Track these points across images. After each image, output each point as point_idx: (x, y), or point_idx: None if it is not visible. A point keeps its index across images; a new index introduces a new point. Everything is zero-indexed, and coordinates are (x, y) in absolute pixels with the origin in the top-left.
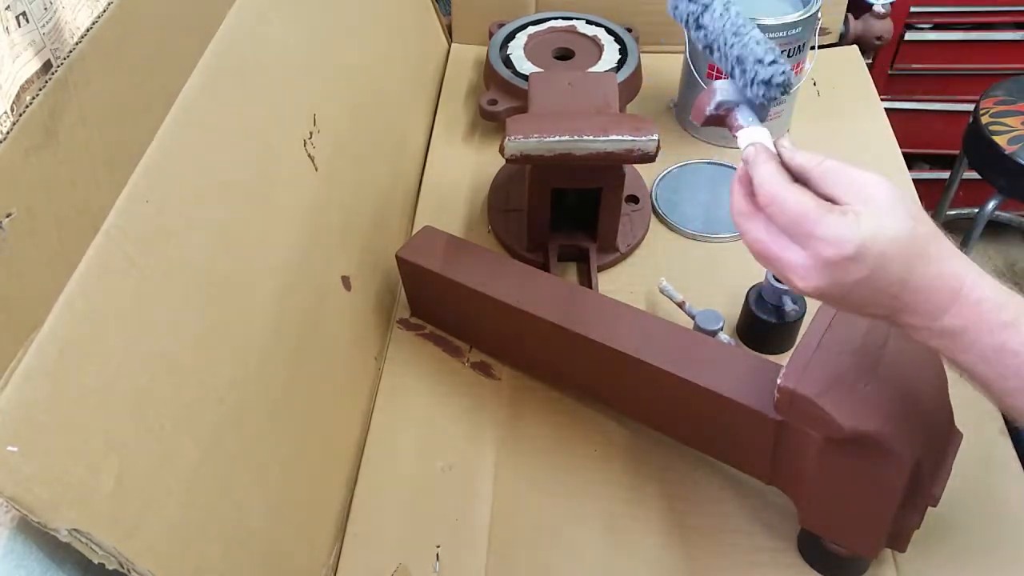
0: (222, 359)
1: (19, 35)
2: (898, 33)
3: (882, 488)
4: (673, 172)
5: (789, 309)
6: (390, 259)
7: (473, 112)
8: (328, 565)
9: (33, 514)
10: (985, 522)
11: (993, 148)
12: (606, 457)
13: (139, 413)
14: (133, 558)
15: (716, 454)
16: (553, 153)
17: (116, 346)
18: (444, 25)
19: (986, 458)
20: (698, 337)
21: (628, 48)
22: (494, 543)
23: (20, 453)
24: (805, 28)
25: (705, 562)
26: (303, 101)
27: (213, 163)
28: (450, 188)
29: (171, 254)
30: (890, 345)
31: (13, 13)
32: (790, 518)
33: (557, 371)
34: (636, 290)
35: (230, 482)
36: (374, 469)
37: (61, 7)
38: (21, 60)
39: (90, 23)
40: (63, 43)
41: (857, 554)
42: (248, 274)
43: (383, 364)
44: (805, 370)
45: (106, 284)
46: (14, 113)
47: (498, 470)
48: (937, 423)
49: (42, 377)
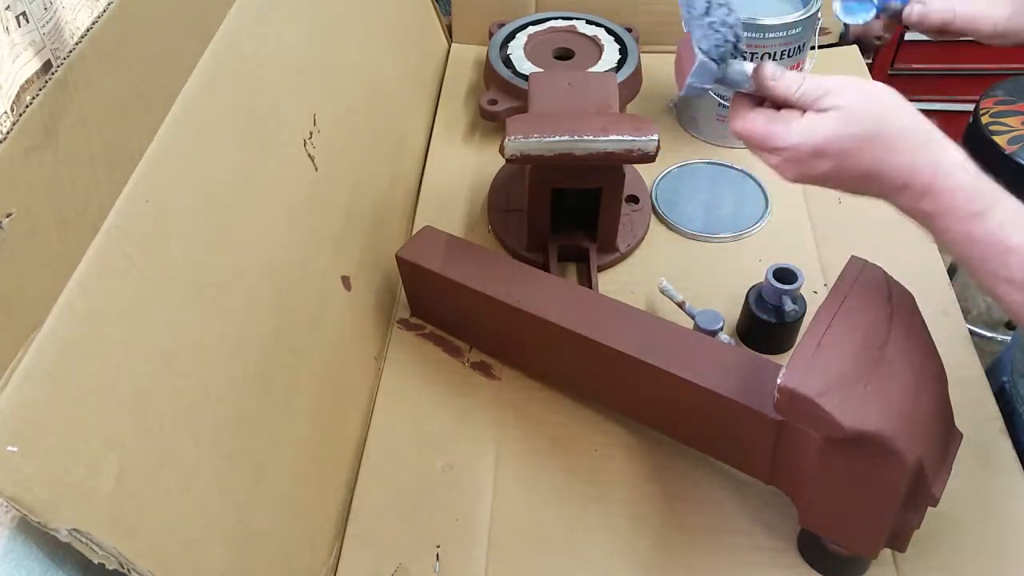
0: (222, 359)
1: (19, 35)
2: (898, 33)
3: (882, 488)
4: (673, 172)
5: (789, 309)
6: (390, 259)
7: (473, 112)
8: (328, 565)
9: (33, 514)
10: (985, 522)
11: (993, 148)
12: (606, 457)
13: (139, 413)
14: (133, 558)
15: (716, 454)
16: (553, 153)
17: (116, 346)
18: (444, 25)
19: (986, 458)
20: (698, 337)
21: (628, 48)
22: (494, 543)
23: (20, 453)
24: (805, 28)
25: (705, 562)
26: (303, 101)
27: (213, 163)
28: (450, 188)
29: (171, 254)
30: (890, 345)
31: (13, 13)
32: (790, 518)
33: (557, 371)
34: (636, 290)
35: (230, 482)
36: (374, 469)
37: (61, 7)
38: (21, 60)
39: (90, 23)
40: (63, 43)
41: (857, 554)
42: (248, 274)
43: (383, 364)
44: (805, 370)
45: (106, 284)
46: (14, 113)
47: (498, 470)
48: (937, 423)
49: (42, 377)
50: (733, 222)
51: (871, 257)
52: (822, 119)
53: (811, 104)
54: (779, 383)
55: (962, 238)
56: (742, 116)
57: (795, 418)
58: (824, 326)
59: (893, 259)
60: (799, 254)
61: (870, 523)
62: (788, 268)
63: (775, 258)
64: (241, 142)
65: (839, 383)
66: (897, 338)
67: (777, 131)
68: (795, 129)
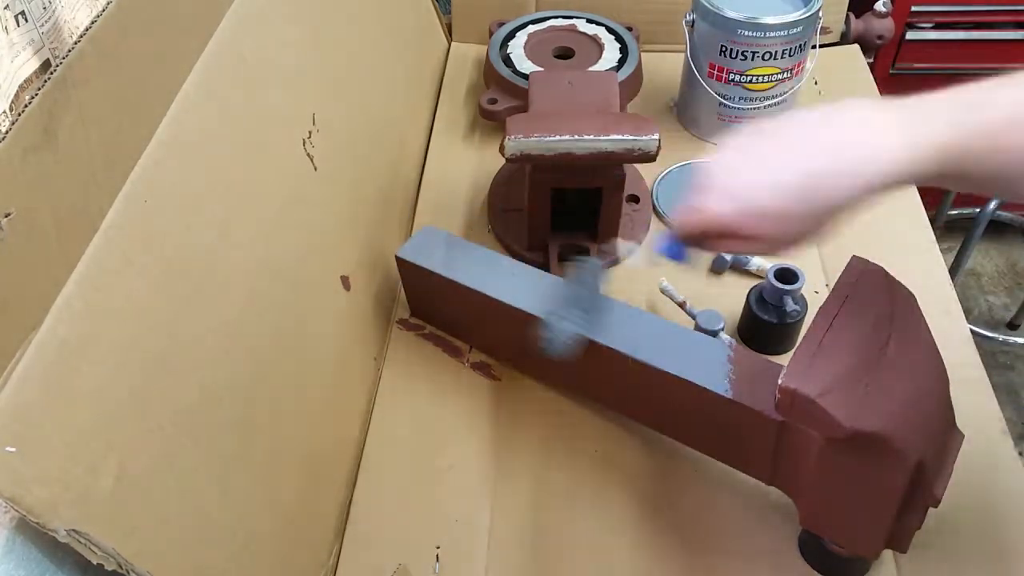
0: (221, 359)
1: (18, 34)
2: (899, 32)
3: (883, 489)
4: (673, 172)
5: (790, 309)
6: (390, 259)
7: (473, 112)
8: (328, 565)
9: (32, 514)
10: (986, 523)
11: None
12: (606, 457)
13: (138, 413)
14: (132, 558)
15: (716, 454)
16: (553, 153)
17: (115, 346)
18: (444, 24)
19: (987, 458)
20: (699, 337)
21: (628, 47)
22: (494, 543)
23: (19, 453)
24: (806, 27)
25: (705, 562)
26: (303, 101)
27: (212, 163)
28: (450, 188)
29: (170, 254)
30: (891, 345)
31: (12, 12)
32: (790, 518)
33: (557, 371)
34: (636, 290)
35: (229, 482)
36: (374, 469)
37: (60, 6)
38: (20, 59)
39: (89, 22)
40: (62, 42)
41: (858, 554)
42: (247, 274)
43: (383, 364)
44: (806, 370)
45: (105, 284)
46: (13, 113)
47: (498, 470)
48: (938, 423)
49: (41, 377)
50: None
51: (872, 257)
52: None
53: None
54: (780, 383)
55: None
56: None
57: (796, 418)
58: (825, 326)
59: (894, 259)
60: (800, 254)
61: (871, 523)
62: (789, 268)
63: (776, 258)
64: (241, 142)
65: (840, 383)
66: (898, 338)
67: (699, 199)
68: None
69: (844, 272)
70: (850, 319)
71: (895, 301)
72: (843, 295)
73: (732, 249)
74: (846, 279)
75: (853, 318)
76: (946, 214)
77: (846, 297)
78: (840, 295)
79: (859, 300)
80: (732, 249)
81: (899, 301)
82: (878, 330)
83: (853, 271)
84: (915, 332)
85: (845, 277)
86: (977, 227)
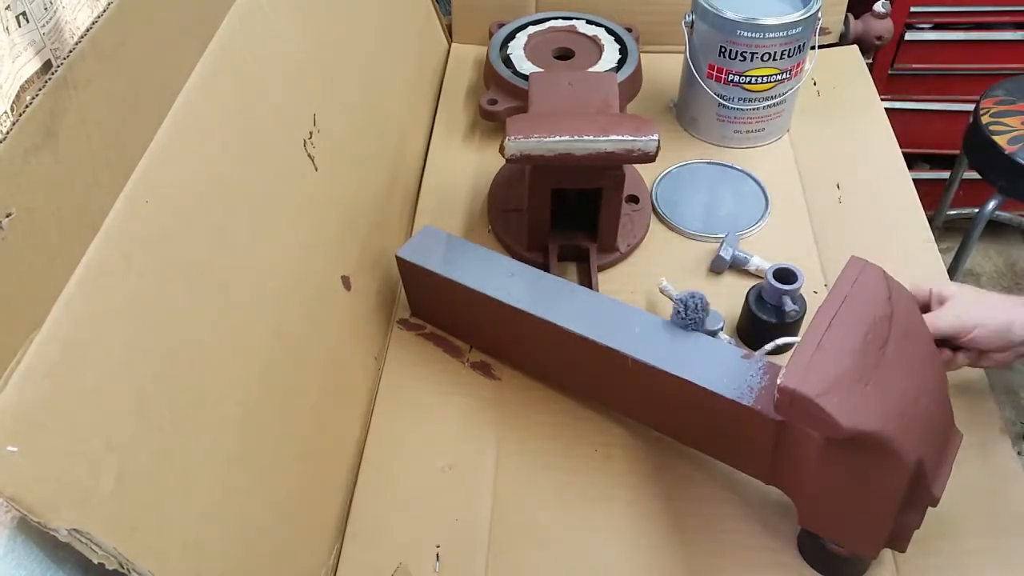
0: (221, 359)
1: (19, 35)
2: (898, 33)
3: (882, 488)
4: (673, 172)
5: (789, 309)
6: (390, 259)
7: (473, 112)
8: (328, 565)
9: (33, 514)
10: (985, 522)
11: (993, 148)
12: (606, 457)
13: (139, 413)
14: (133, 558)
15: (716, 454)
16: (553, 153)
17: (116, 346)
18: (444, 25)
19: (986, 458)
20: (698, 337)
21: (628, 48)
22: (494, 543)
23: (20, 453)
24: (805, 28)
25: (704, 562)
26: (303, 101)
27: (213, 163)
28: (450, 188)
29: (171, 254)
30: (890, 345)
31: (13, 13)
32: (790, 518)
33: (557, 371)
34: (636, 290)
35: (230, 482)
36: (374, 469)
37: (61, 7)
38: (21, 60)
39: (90, 23)
40: (63, 43)
41: (857, 554)
42: (248, 274)
43: (383, 364)
44: (806, 370)
45: (106, 284)
46: (14, 113)
47: (498, 470)
48: (937, 423)
49: (42, 377)
50: (733, 222)
51: (871, 257)
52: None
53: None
54: (779, 383)
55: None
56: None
57: (795, 418)
58: (824, 326)
59: (893, 259)
60: (799, 254)
61: (870, 523)
62: (788, 268)
63: (775, 258)
64: (241, 142)
65: (839, 383)
66: (897, 338)
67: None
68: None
69: (843, 272)
70: (849, 319)
71: (894, 301)
72: (842, 295)
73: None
74: (845, 279)
75: (852, 318)
76: (945, 214)
77: (845, 297)
78: (839, 295)
79: (858, 300)
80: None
81: (898, 301)
82: (877, 330)
83: (852, 271)
84: (914, 332)
85: (844, 277)
86: (976, 227)
